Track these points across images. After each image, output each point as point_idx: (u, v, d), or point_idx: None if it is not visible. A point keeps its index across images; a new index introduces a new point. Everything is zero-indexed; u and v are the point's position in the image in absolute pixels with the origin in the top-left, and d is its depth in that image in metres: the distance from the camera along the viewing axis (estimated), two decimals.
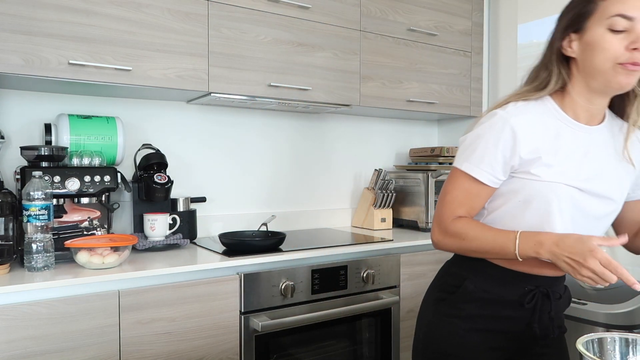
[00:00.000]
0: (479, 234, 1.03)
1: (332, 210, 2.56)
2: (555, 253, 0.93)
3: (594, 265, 0.87)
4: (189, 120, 2.17)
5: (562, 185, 1.01)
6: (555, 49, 1.06)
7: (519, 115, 1.02)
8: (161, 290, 1.51)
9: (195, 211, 2.05)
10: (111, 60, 1.66)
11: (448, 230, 1.06)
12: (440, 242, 1.09)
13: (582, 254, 0.89)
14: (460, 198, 1.07)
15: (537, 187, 1.02)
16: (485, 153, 1.03)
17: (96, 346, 1.41)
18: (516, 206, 1.05)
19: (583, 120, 1.06)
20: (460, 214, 1.07)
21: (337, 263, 1.84)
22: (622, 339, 0.78)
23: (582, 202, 1.03)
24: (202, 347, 1.57)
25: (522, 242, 0.97)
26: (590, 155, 1.05)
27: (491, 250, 1.01)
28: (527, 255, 0.97)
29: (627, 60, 0.96)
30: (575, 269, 0.90)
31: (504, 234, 1.00)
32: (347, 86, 2.18)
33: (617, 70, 0.97)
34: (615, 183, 1.07)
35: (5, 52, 1.50)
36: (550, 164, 1.01)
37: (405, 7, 2.33)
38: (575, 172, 1.02)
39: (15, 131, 1.82)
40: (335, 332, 1.86)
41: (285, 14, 2.00)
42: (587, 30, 1.00)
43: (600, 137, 1.07)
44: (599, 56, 0.98)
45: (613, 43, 0.96)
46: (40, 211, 1.47)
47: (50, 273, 1.44)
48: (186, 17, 1.79)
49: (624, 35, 0.96)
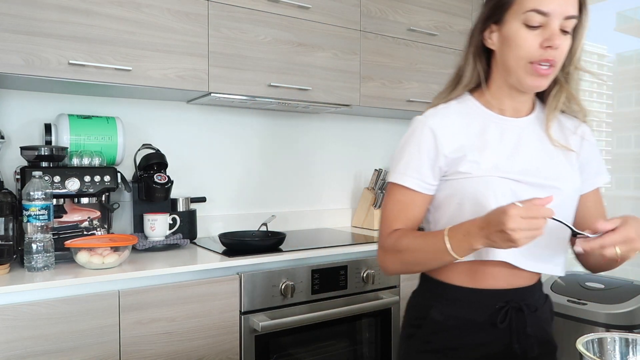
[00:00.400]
0: (412, 242, 0.96)
1: (332, 210, 2.56)
2: (486, 237, 0.84)
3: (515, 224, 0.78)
4: (189, 120, 2.17)
5: (496, 178, 0.96)
6: (474, 40, 1.02)
7: (437, 116, 1.01)
8: (161, 290, 1.51)
9: (195, 211, 2.05)
10: (111, 60, 1.66)
11: (385, 246, 1.00)
12: (383, 262, 1.02)
13: (498, 220, 0.80)
14: (394, 211, 1.02)
15: (471, 184, 0.97)
16: (410, 160, 1.00)
17: (96, 346, 1.41)
18: (455, 211, 0.99)
19: (509, 113, 1.02)
20: (396, 228, 1.00)
21: (337, 263, 1.84)
22: (622, 339, 0.78)
23: (524, 194, 0.95)
24: (202, 347, 1.57)
25: (451, 239, 0.89)
26: (523, 147, 1.00)
27: (428, 257, 0.94)
28: (463, 251, 0.88)
29: (539, 58, 0.92)
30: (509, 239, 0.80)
31: (434, 236, 0.93)
32: (347, 86, 2.18)
33: (528, 70, 0.94)
34: (559, 171, 1.00)
35: (6, 52, 1.50)
36: (478, 160, 0.97)
37: (405, 7, 2.33)
38: (508, 165, 0.97)
39: (15, 131, 1.82)
40: (335, 332, 1.86)
41: (285, 14, 2.00)
42: (505, 23, 0.96)
43: (532, 127, 1.03)
44: (512, 53, 0.95)
45: (527, 40, 0.93)
46: (40, 211, 1.47)
47: (50, 273, 1.44)
48: (186, 17, 1.79)
49: (539, 31, 0.92)
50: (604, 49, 2.60)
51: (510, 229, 0.78)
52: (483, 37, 1.01)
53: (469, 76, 1.04)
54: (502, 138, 1.00)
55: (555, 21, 0.91)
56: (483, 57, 1.03)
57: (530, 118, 1.04)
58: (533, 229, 0.79)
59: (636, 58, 2.55)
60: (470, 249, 0.88)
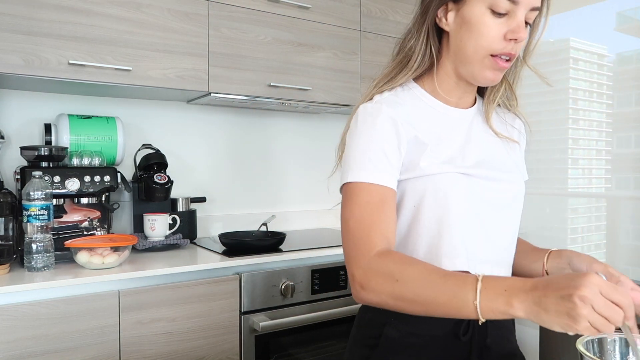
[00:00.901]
0: (421, 274, 0.73)
1: (332, 210, 2.56)
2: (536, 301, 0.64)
3: (591, 294, 0.60)
4: (189, 120, 2.17)
5: (454, 174, 0.86)
6: (430, 16, 0.90)
7: (391, 104, 0.89)
8: (161, 290, 1.51)
9: (195, 211, 2.05)
10: (111, 60, 1.66)
11: (371, 267, 0.78)
12: (363, 287, 0.79)
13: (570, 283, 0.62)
14: (367, 218, 0.81)
15: (429, 182, 0.85)
16: (368, 150, 0.85)
17: (96, 346, 1.41)
18: (410, 215, 0.87)
19: (455, 104, 0.94)
20: (378, 242, 0.80)
21: (337, 263, 1.84)
22: (622, 339, 0.78)
23: (479, 189, 0.88)
24: (202, 347, 1.57)
25: (485, 290, 0.67)
26: (472, 139, 0.92)
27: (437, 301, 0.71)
28: (493, 312, 0.67)
29: (501, 50, 0.84)
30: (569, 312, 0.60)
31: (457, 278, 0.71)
32: (347, 86, 2.18)
33: (486, 63, 0.85)
34: (509, 164, 0.93)
35: (5, 52, 1.50)
36: (436, 153, 0.87)
37: (405, 7, 2.33)
38: (460, 158, 0.88)
39: (15, 131, 1.82)
40: (335, 332, 1.86)
41: (285, 14, 2.00)
42: (466, 4, 0.85)
43: (476, 119, 0.95)
44: (472, 41, 0.85)
45: (491, 29, 0.83)
46: (40, 211, 1.47)
47: (50, 273, 1.44)
48: (186, 17, 1.79)
49: (504, 20, 0.83)
50: (604, 49, 2.60)
51: (582, 297, 0.60)
52: (436, 15, 0.90)
53: (420, 59, 0.92)
54: (453, 130, 0.91)
55: (522, 11, 0.83)
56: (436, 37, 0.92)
57: (474, 109, 0.96)
58: (607, 316, 0.60)
59: (636, 58, 2.55)
60: (503, 312, 0.66)
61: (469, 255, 0.87)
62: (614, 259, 2.61)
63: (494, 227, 0.90)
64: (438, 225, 0.86)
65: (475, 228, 0.88)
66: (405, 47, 0.95)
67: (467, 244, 0.87)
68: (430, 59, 0.92)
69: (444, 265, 0.84)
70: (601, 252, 2.64)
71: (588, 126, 2.68)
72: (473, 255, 0.87)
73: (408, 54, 0.94)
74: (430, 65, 0.93)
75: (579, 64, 2.50)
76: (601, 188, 2.71)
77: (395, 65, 0.96)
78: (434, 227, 0.86)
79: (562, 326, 0.62)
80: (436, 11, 0.89)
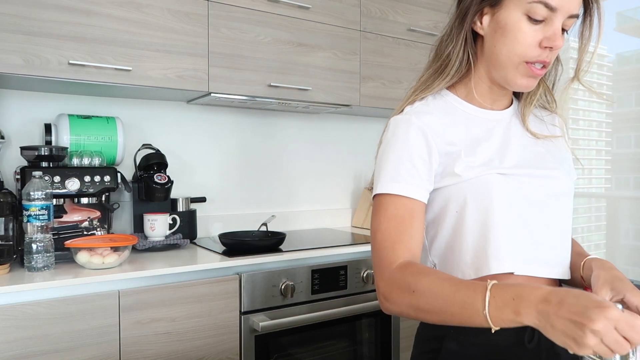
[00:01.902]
0: (434, 284, 0.74)
1: (332, 210, 2.56)
2: (546, 315, 0.62)
3: (604, 328, 0.58)
4: (189, 120, 2.17)
5: (494, 175, 0.86)
6: (467, 21, 0.88)
7: (420, 114, 0.89)
8: (161, 290, 1.51)
9: (195, 211, 2.05)
10: (111, 60, 1.66)
11: (392, 279, 0.79)
12: (387, 299, 0.79)
13: (585, 312, 0.59)
14: (393, 231, 0.83)
15: (469, 187, 0.86)
16: (398, 163, 0.86)
17: (96, 346, 1.41)
18: (455, 221, 0.87)
19: (489, 107, 0.94)
20: (402, 255, 0.81)
21: (337, 263, 1.84)
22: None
23: (519, 188, 0.87)
24: (202, 347, 1.57)
25: (495, 298, 0.67)
26: (510, 140, 0.92)
27: (451, 310, 0.72)
28: (502, 320, 0.67)
29: (536, 58, 0.83)
30: (576, 338, 0.60)
31: (468, 286, 0.71)
32: (347, 86, 2.18)
33: (521, 69, 0.85)
34: (549, 161, 0.92)
35: (5, 52, 1.50)
36: (472, 158, 0.87)
37: (405, 7, 2.33)
38: (499, 160, 0.88)
39: (15, 131, 1.82)
40: (335, 332, 1.86)
41: (285, 14, 2.00)
42: (502, 8, 0.84)
43: (513, 120, 0.95)
44: (507, 47, 0.84)
45: (527, 35, 0.82)
46: (40, 211, 1.47)
47: (50, 273, 1.44)
48: (186, 17, 1.79)
49: (541, 27, 0.82)
50: (604, 49, 2.60)
51: (594, 331, 0.58)
52: (477, 21, 0.88)
53: (458, 65, 0.91)
54: (489, 133, 0.91)
55: (559, 18, 0.81)
56: (473, 43, 0.91)
57: (510, 111, 0.96)
58: (613, 349, 0.59)
59: (636, 58, 2.55)
60: (512, 321, 0.66)
61: (514, 256, 0.86)
62: (614, 258, 2.62)
63: (538, 227, 0.88)
64: (483, 228, 0.85)
65: (519, 228, 0.87)
66: (443, 53, 0.93)
67: (512, 245, 0.86)
68: (468, 65, 0.91)
69: (492, 267, 0.84)
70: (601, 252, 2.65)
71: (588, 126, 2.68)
72: (518, 256, 0.86)
73: (445, 61, 0.92)
74: (467, 71, 0.93)
75: None
76: (601, 188, 2.71)
77: (432, 72, 0.95)
78: (479, 231, 0.86)
79: (563, 345, 0.62)
80: (474, 16, 0.88)
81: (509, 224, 0.86)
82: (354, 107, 2.25)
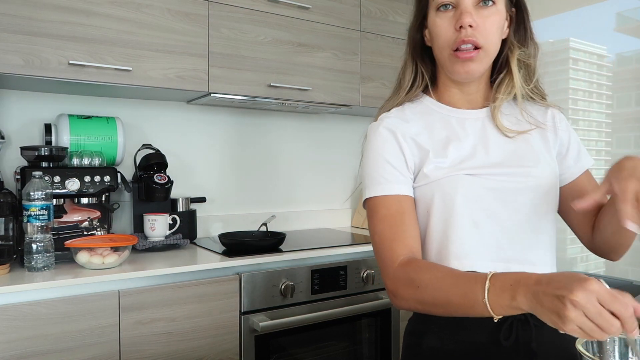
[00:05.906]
0: (435, 278, 0.77)
1: (332, 210, 2.56)
2: (535, 294, 0.63)
3: (584, 300, 0.57)
4: (189, 120, 2.17)
5: (462, 175, 0.88)
6: (411, 41, 0.97)
7: (390, 118, 0.95)
8: (161, 290, 1.51)
9: (195, 211, 2.05)
10: (111, 60, 1.66)
11: (397, 276, 0.82)
12: (396, 295, 0.82)
13: (566, 285, 0.60)
14: (387, 232, 0.86)
15: (437, 187, 0.88)
16: (377, 166, 0.90)
17: (96, 346, 1.41)
18: (424, 220, 0.91)
19: (464, 106, 0.96)
20: (401, 252, 0.84)
21: (337, 263, 1.84)
22: (621, 339, 0.78)
23: (490, 188, 0.88)
24: (202, 347, 1.57)
25: (494, 287, 0.68)
26: (487, 138, 0.92)
27: (453, 301, 0.73)
28: (501, 306, 0.68)
29: (455, 42, 0.86)
30: (558, 311, 0.60)
31: (468, 278, 0.73)
32: (347, 86, 2.18)
33: (452, 59, 0.88)
34: (527, 157, 0.92)
35: (5, 52, 1.50)
36: (442, 159, 0.89)
37: (405, 7, 2.34)
38: (471, 159, 0.90)
39: (15, 131, 1.82)
40: (335, 332, 1.86)
41: (285, 14, 2.01)
42: (429, 16, 0.92)
43: (489, 117, 0.95)
44: (435, 45, 0.91)
45: (443, 26, 0.88)
46: (40, 211, 1.47)
47: (50, 273, 1.44)
48: (186, 17, 1.79)
49: (452, 13, 0.87)
50: (603, 49, 2.60)
51: (573, 301, 0.58)
52: (425, 35, 0.96)
53: (407, 79, 0.98)
54: (465, 132, 0.93)
55: None
56: (426, 56, 0.98)
57: (487, 109, 0.96)
58: (599, 324, 0.58)
59: (636, 58, 2.55)
60: (509, 306, 0.67)
61: (479, 254, 0.87)
62: None
63: (509, 226, 0.89)
64: (445, 227, 0.88)
65: (487, 227, 0.88)
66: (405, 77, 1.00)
67: (476, 244, 0.87)
68: (424, 75, 0.98)
69: (453, 266, 0.86)
70: None
71: (588, 126, 2.68)
72: (485, 254, 0.87)
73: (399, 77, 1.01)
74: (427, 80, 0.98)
75: (579, 65, 2.50)
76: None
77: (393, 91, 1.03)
78: (441, 230, 0.89)
79: (552, 323, 0.62)
80: (419, 33, 0.96)
81: (475, 223, 0.87)
82: (353, 107, 2.25)
